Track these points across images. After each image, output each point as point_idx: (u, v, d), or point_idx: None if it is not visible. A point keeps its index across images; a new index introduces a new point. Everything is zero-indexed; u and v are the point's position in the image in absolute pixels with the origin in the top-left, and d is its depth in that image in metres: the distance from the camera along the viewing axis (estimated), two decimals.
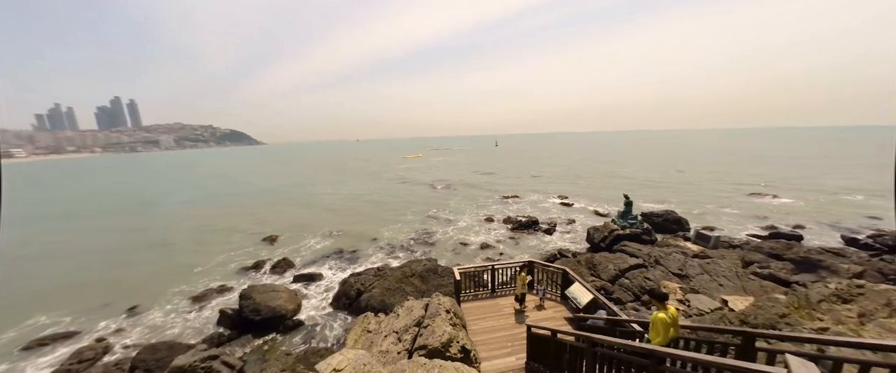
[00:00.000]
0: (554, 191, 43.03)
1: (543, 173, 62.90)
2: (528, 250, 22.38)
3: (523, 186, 49.09)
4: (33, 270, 22.22)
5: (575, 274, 10.51)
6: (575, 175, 59.77)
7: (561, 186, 47.67)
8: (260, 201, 45.33)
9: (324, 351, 11.84)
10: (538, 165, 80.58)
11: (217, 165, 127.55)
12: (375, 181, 61.84)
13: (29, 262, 24.00)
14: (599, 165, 75.20)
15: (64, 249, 26.72)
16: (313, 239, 26.68)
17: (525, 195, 41.12)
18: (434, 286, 15.28)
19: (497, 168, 75.65)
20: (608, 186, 45.36)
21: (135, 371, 10.76)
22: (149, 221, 35.74)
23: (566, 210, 33.17)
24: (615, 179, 52.49)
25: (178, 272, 20.72)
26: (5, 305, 17.06)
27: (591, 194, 40.38)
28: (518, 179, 56.18)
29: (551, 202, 36.89)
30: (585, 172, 63.47)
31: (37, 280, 20.46)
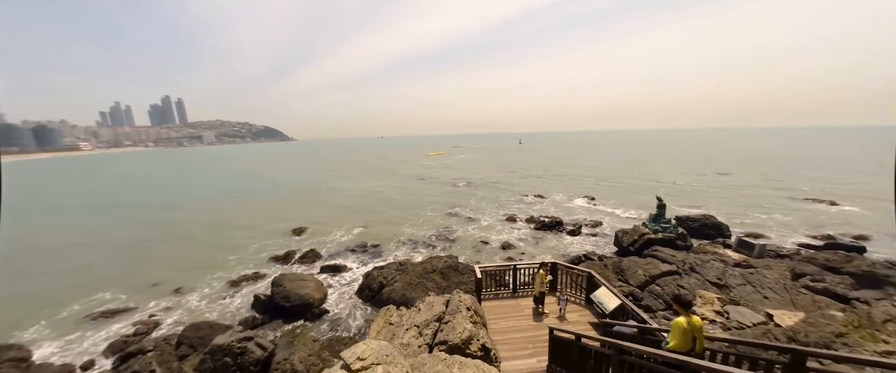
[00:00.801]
0: (579, 191, 41.58)
1: (568, 172, 60.96)
2: (551, 251, 21.84)
3: (547, 185, 47.87)
4: (95, 253, 24.96)
5: (601, 278, 10.13)
6: (602, 175, 57.38)
7: (586, 186, 45.97)
8: (289, 195, 47.78)
9: (347, 340, 12.33)
10: (563, 163, 78.17)
11: (252, 160, 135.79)
12: (398, 178, 62.91)
13: (90, 246, 26.97)
14: (628, 164, 71.62)
15: (119, 236, 29.74)
16: (338, 232, 27.68)
17: (549, 195, 40.09)
18: (454, 283, 15.36)
19: (520, 166, 74.30)
20: (638, 188, 43.13)
21: (180, 347, 11.79)
22: (190, 212, 38.83)
23: (592, 211, 31.96)
24: (646, 180, 49.74)
25: (217, 259, 22.35)
26: (74, 282, 19.32)
27: (618, 196, 38.60)
28: (541, 178, 54.86)
29: (576, 203, 35.70)
30: (613, 172, 60.72)
31: (98, 262, 22.97)
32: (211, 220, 34.02)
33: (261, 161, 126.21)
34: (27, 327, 14.54)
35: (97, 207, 42.29)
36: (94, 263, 22.32)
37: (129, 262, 22.45)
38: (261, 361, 9.99)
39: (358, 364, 5.36)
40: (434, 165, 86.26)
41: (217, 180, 68.67)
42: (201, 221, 33.41)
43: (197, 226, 31.73)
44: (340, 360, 5.72)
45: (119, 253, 24.46)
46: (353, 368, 5.31)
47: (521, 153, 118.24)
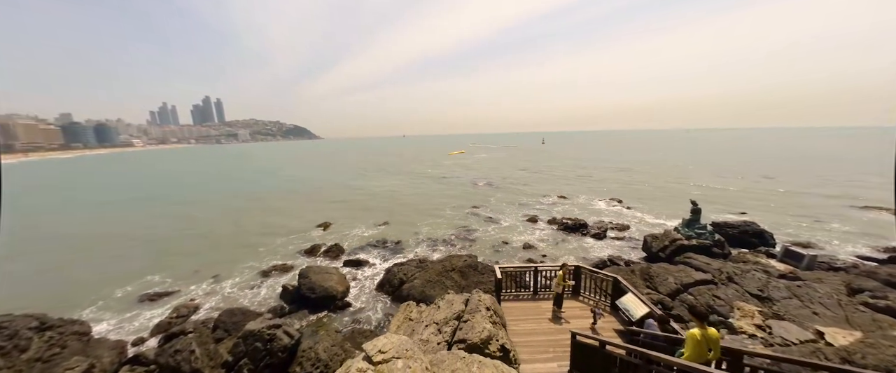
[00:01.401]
0: (605, 193, 39.98)
1: (593, 174, 58.77)
2: (574, 254, 21.21)
3: (571, 186, 46.46)
4: (144, 241, 27.38)
5: (628, 284, 9.71)
6: (629, 177, 54.82)
7: (613, 187, 44.10)
8: (315, 192, 49.77)
9: (368, 333, 12.68)
10: (587, 164, 75.48)
11: (282, 158, 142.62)
12: (418, 176, 63.58)
13: (139, 235, 29.58)
14: (657, 166, 67.85)
15: (164, 226, 32.39)
16: (360, 228, 28.47)
17: (573, 196, 38.91)
18: (474, 283, 15.33)
19: (543, 166, 72.65)
20: (669, 191, 40.79)
21: (217, 330, 12.66)
22: (227, 205, 41.47)
23: (619, 214, 30.62)
24: (678, 183, 46.91)
25: (249, 250, 23.74)
26: (127, 267, 21.30)
27: (647, 199, 36.72)
28: (565, 179, 53.32)
29: (601, 205, 34.36)
30: (641, 173, 57.78)
31: (147, 249, 25.16)
32: (244, 213, 36.17)
33: (290, 159, 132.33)
34: (87, 306, 16.23)
35: (146, 200, 46.31)
36: (143, 250, 24.48)
37: (174, 250, 24.38)
38: (288, 348, 10.50)
39: (379, 357, 5.51)
40: (455, 164, 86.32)
41: (250, 177, 72.78)
42: (236, 214, 35.60)
43: (232, 218, 33.85)
44: (362, 352, 5.91)
45: (165, 241, 26.64)
46: (375, 360, 5.46)
47: (544, 153, 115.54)
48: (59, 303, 15.71)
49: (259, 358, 10.29)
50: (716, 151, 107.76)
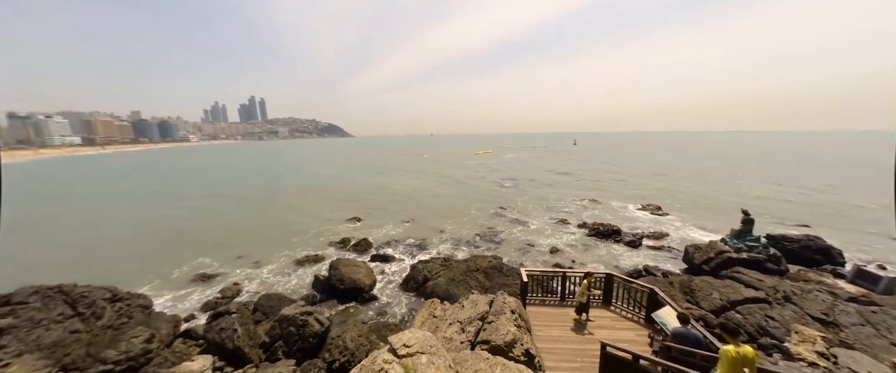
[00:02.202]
0: (640, 198, 37.59)
1: (628, 177, 55.44)
2: (605, 262, 20.21)
3: (604, 190, 44.25)
4: (199, 227, 30.20)
5: (666, 296, 9.09)
6: (668, 180, 51.13)
7: (650, 193, 41.33)
8: (346, 187, 51.93)
9: (393, 326, 13.01)
10: (622, 167, 71.37)
11: (318, 154, 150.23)
12: (444, 175, 63.94)
13: (195, 221, 32.64)
14: (701, 171, 62.46)
15: (215, 214, 35.46)
16: (388, 225, 29.23)
17: (605, 200, 37.05)
18: (498, 284, 15.16)
19: (574, 168, 69.89)
20: (713, 198, 37.48)
21: (256, 312, 13.69)
22: (266, 197, 44.55)
23: (656, 222, 28.66)
24: (725, 191, 42.86)
25: (285, 239, 25.33)
26: (183, 248, 23.63)
27: (688, 206, 34.01)
28: (598, 182, 50.88)
29: (637, 211, 32.35)
30: (681, 178, 53.57)
31: (200, 234, 27.76)
32: (282, 205, 38.63)
33: (324, 156, 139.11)
34: (152, 281, 18.27)
35: (199, 191, 51.06)
36: (196, 236, 27.00)
37: (222, 236, 26.63)
38: (318, 334, 11.09)
39: (404, 350, 5.65)
40: (481, 164, 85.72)
41: (288, 172, 77.58)
42: (274, 206, 38.14)
43: (270, 209, 36.31)
44: (388, 344, 6.09)
45: (214, 229, 29.18)
46: (400, 353, 5.61)
47: (575, 154, 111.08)
48: (127, 278, 17.76)
49: (292, 342, 10.97)
50: (766, 155, 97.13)
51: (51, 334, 10.95)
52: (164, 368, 10.46)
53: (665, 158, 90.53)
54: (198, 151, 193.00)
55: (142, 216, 34.11)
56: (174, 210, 36.77)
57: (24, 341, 10.46)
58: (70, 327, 11.41)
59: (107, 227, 30.26)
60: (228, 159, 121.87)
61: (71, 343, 11.07)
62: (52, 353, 10.59)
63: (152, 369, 10.56)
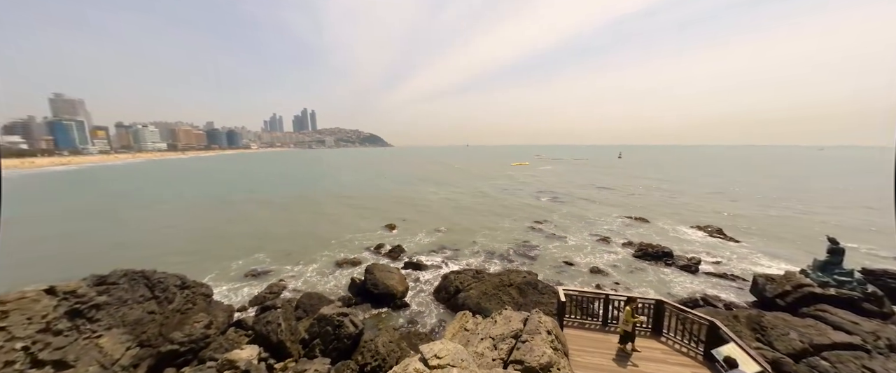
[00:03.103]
0: (697, 219, 33.87)
1: (680, 195, 50.35)
2: (656, 287, 18.39)
3: (652, 207, 40.69)
4: (252, 226, 33.21)
5: (730, 332, 7.99)
6: (729, 199, 45.52)
7: (707, 213, 37.10)
8: (383, 195, 53.96)
9: (423, 336, 13.03)
10: (673, 183, 65.13)
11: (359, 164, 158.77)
12: (479, 186, 63.57)
13: (250, 221, 35.97)
14: (765, 188, 54.58)
15: (268, 215, 38.88)
16: (421, 233, 29.65)
17: (655, 219, 33.98)
18: (532, 302, 14.52)
19: (618, 183, 65.39)
20: (789, 222, 32.46)
21: (298, 309, 14.60)
22: (310, 201, 47.84)
23: (716, 246, 25.54)
24: (803, 211, 36.91)
25: (325, 242, 26.86)
26: (240, 245, 26.13)
27: (757, 229, 29.86)
28: (645, 199, 46.95)
29: (692, 233, 29.14)
30: (747, 197, 47.27)
31: (255, 232, 30.52)
32: (326, 209, 41.24)
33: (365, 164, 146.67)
34: (211, 271, 20.42)
35: (256, 194, 56.54)
36: (253, 234, 29.78)
37: (274, 235, 29.08)
38: (352, 336, 11.47)
39: (435, 361, 5.62)
40: (517, 175, 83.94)
41: (332, 179, 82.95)
42: (319, 210, 40.84)
43: (315, 213, 38.93)
44: (419, 353, 6.11)
45: (267, 228, 31.97)
46: (430, 364, 5.60)
47: (620, 168, 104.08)
48: (193, 268, 20.04)
49: (328, 341, 11.47)
50: (857, 174, 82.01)
51: (133, 312, 12.67)
52: (218, 353, 11.51)
53: (722, 174, 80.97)
54: (256, 158, 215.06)
55: (209, 215, 38.58)
56: (236, 210, 41.09)
57: (114, 317, 12.21)
58: (148, 308, 13.12)
59: (180, 222, 34.67)
60: (280, 167, 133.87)
61: (148, 322, 12.69)
62: (133, 329, 12.22)
63: (209, 353, 11.68)
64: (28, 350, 9.27)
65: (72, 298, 10.77)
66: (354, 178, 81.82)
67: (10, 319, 9.52)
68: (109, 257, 21.99)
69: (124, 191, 60.45)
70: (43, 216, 37.80)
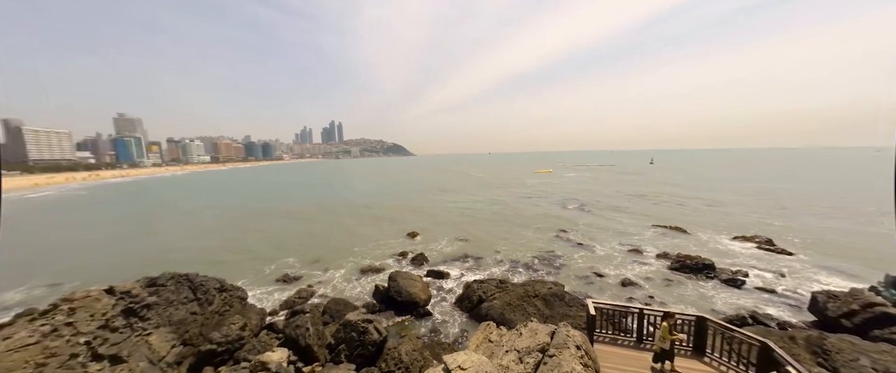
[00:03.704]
0: (741, 227, 31.18)
1: (720, 202, 46.58)
2: (695, 302, 17.03)
3: (689, 215, 38.05)
4: (283, 232, 34.87)
5: (786, 355, 7.20)
6: (778, 207, 41.50)
7: (753, 221, 34.04)
8: (406, 202, 54.76)
9: (446, 345, 12.89)
10: (713, 188, 60.52)
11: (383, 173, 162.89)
12: (502, 194, 62.79)
13: (282, 227, 37.80)
14: (826, 195, 48.97)
15: (298, 222, 40.69)
16: (443, 241, 29.66)
17: (692, 228, 31.69)
18: (559, 314, 13.95)
19: (650, 190, 61.92)
20: (852, 233, 28.89)
21: (325, 314, 15.03)
22: (335, 209, 49.52)
23: (766, 259, 23.29)
24: (868, 220, 32.71)
25: (350, 249, 27.59)
26: (274, 250, 27.50)
27: (814, 240, 26.91)
28: (681, 207, 44.00)
29: (735, 244, 26.80)
30: (799, 204, 42.79)
31: (285, 238, 31.97)
32: (350, 217, 42.48)
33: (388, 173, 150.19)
34: (245, 275, 21.59)
35: (287, 202, 59.50)
36: (284, 240, 31.28)
37: (303, 242, 30.35)
38: (376, 343, 11.59)
39: (458, 372, 5.55)
40: (541, 183, 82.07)
41: (358, 188, 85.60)
42: (344, 217, 42.16)
43: (340, 220, 40.22)
44: (443, 363, 6.07)
45: (297, 234, 33.45)
46: None
47: (652, 174, 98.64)
48: (230, 271, 21.33)
49: (353, 347, 11.66)
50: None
51: (178, 312, 13.64)
52: (252, 354, 12.07)
53: (766, 179, 74.10)
54: (287, 169, 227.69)
55: (243, 222, 41.06)
56: (267, 217, 43.45)
57: (161, 317, 13.22)
58: (191, 309, 14.07)
59: (218, 228, 37.17)
60: (307, 177, 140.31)
61: (190, 322, 13.60)
62: (177, 329, 13.14)
63: (243, 354, 12.28)
64: (90, 345, 10.24)
65: (127, 297, 11.81)
66: (377, 187, 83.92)
67: (77, 315, 10.60)
68: (159, 259, 24.02)
69: (172, 199, 66.06)
70: (106, 221, 42.09)
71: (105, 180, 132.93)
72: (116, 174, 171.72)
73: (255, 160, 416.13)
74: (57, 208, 58.72)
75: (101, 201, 67.09)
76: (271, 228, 37.08)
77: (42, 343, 9.62)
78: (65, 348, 9.70)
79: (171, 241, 32.25)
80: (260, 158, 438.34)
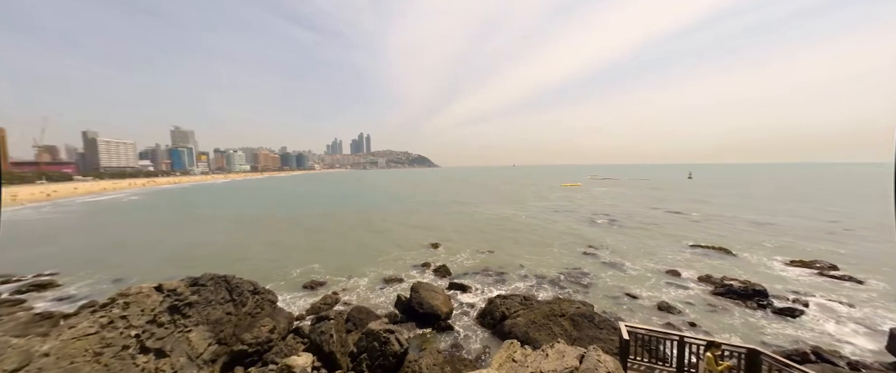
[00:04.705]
0: (797, 250, 27.99)
1: (771, 222, 42.15)
2: (744, 333, 15.37)
3: (734, 235, 34.84)
4: (312, 239, 36.30)
5: None
6: (839, 228, 36.79)
7: (811, 243, 30.43)
8: (431, 214, 55.09)
9: (467, 362, 12.57)
10: (760, 206, 55.07)
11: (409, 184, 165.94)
12: (527, 207, 61.41)
13: (310, 234, 39.40)
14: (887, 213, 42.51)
15: (326, 230, 42.21)
16: (465, 253, 29.35)
17: (738, 249, 28.95)
18: (588, 337, 13.17)
19: (689, 206, 57.70)
20: None
21: (348, 322, 15.30)
22: (362, 218, 50.82)
23: (828, 286, 20.61)
24: None
25: (373, 258, 28.06)
26: (300, 256, 28.68)
27: (888, 267, 23.44)
28: (724, 225, 40.45)
29: (791, 267, 24.05)
30: (861, 224, 37.63)
31: (313, 245, 33.25)
32: (376, 226, 43.44)
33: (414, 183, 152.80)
34: (274, 279, 22.59)
35: (318, 210, 62.16)
36: (312, 246, 32.57)
37: (329, 249, 31.42)
38: (397, 354, 11.57)
39: None
40: (568, 196, 79.37)
41: (385, 198, 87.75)
42: (369, 227, 43.17)
43: (366, 229, 41.21)
44: None
45: (323, 242, 34.70)
46: None
47: (690, 189, 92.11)
48: (260, 274, 22.46)
49: (375, 356, 11.72)
50: None
51: (215, 312, 14.52)
52: (279, 357, 12.51)
53: (823, 197, 66.09)
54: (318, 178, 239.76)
55: (275, 226, 43.34)
56: (297, 224, 45.58)
57: (201, 315, 14.13)
58: (226, 309, 14.93)
59: (253, 232, 39.48)
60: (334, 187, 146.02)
61: (225, 322, 14.40)
62: (214, 328, 13.95)
63: (271, 356, 12.76)
64: (139, 338, 11.15)
65: (173, 295, 12.79)
66: (400, 198, 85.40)
67: (130, 309, 11.62)
68: (199, 258, 25.93)
69: (216, 203, 71.47)
70: (159, 222, 46.30)
71: (159, 186, 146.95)
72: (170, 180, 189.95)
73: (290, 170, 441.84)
74: (120, 210, 65.62)
75: (157, 205, 74.06)
76: (299, 234, 38.80)
77: (100, 334, 10.62)
78: (118, 340, 10.63)
79: (209, 241, 34.72)
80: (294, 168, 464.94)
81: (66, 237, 38.62)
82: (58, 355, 9.57)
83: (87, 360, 9.86)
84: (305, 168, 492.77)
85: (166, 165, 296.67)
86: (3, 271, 25.14)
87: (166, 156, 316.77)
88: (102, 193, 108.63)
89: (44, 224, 49.34)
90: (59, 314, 17.51)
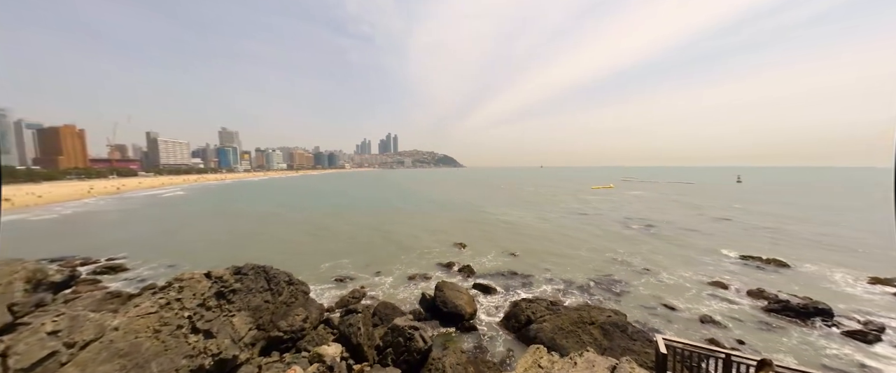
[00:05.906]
0: (871, 265, 24.54)
1: (836, 232, 37.21)
2: (803, 356, 13.80)
3: (792, 245, 31.32)
4: (341, 234, 37.82)
5: None
6: None
7: (886, 257, 26.50)
8: (456, 214, 55.21)
9: (491, 365, 12.48)
10: (823, 214, 48.81)
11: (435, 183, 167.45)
12: (555, 210, 59.53)
13: (340, 229, 41.06)
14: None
15: (355, 227, 43.80)
16: (490, 254, 29.08)
17: (796, 261, 26.02)
18: (620, 348, 12.54)
19: (736, 213, 52.73)
20: None
21: (375, 316, 15.81)
22: (390, 216, 52.07)
23: None
24: None
25: (399, 255, 28.64)
26: (330, 250, 30.00)
27: None
28: (779, 234, 36.47)
29: (863, 284, 21.15)
30: None
31: (342, 239, 34.66)
32: (401, 223, 44.34)
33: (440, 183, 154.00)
34: (305, 271, 23.81)
35: (347, 208, 64.66)
36: (341, 241, 33.98)
37: (358, 244, 32.58)
38: (421, 351, 11.77)
39: None
40: (600, 200, 75.81)
41: (410, 197, 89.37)
42: (395, 223, 44.16)
43: (392, 226, 42.19)
44: None
45: (351, 237, 36.07)
46: None
47: (739, 194, 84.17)
48: (294, 265, 23.78)
49: (400, 351, 12.01)
50: None
51: (255, 299, 15.64)
52: (310, 345, 13.22)
53: None
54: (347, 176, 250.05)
55: (308, 220, 45.68)
56: (327, 219, 47.72)
57: (243, 302, 15.29)
58: (265, 297, 16.02)
59: (288, 225, 41.93)
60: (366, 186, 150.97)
61: (263, 310, 15.46)
62: (253, 314, 15.03)
63: (303, 344, 13.51)
64: (191, 319, 12.29)
65: (220, 282, 13.95)
66: (429, 196, 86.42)
67: (184, 293, 12.85)
68: (240, 249, 28.07)
69: (257, 199, 76.87)
70: (208, 214, 50.68)
71: (208, 183, 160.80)
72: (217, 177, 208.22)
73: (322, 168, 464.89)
74: (174, 203, 72.76)
75: (205, 200, 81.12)
76: (331, 229, 40.60)
77: (159, 313, 11.84)
78: (174, 320, 11.79)
79: (251, 233, 37.40)
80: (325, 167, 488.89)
81: (132, 226, 43.56)
82: (125, 329, 10.82)
83: (148, 336, 11.05)
84: (336, 167, 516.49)
85: (214, 162, 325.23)
86: (85, 254, 28.92)
87: (214, 154, 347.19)
88: (161, 188, 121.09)
89: (116, 214, 56.02)
90: (126, 294, 19.79)
